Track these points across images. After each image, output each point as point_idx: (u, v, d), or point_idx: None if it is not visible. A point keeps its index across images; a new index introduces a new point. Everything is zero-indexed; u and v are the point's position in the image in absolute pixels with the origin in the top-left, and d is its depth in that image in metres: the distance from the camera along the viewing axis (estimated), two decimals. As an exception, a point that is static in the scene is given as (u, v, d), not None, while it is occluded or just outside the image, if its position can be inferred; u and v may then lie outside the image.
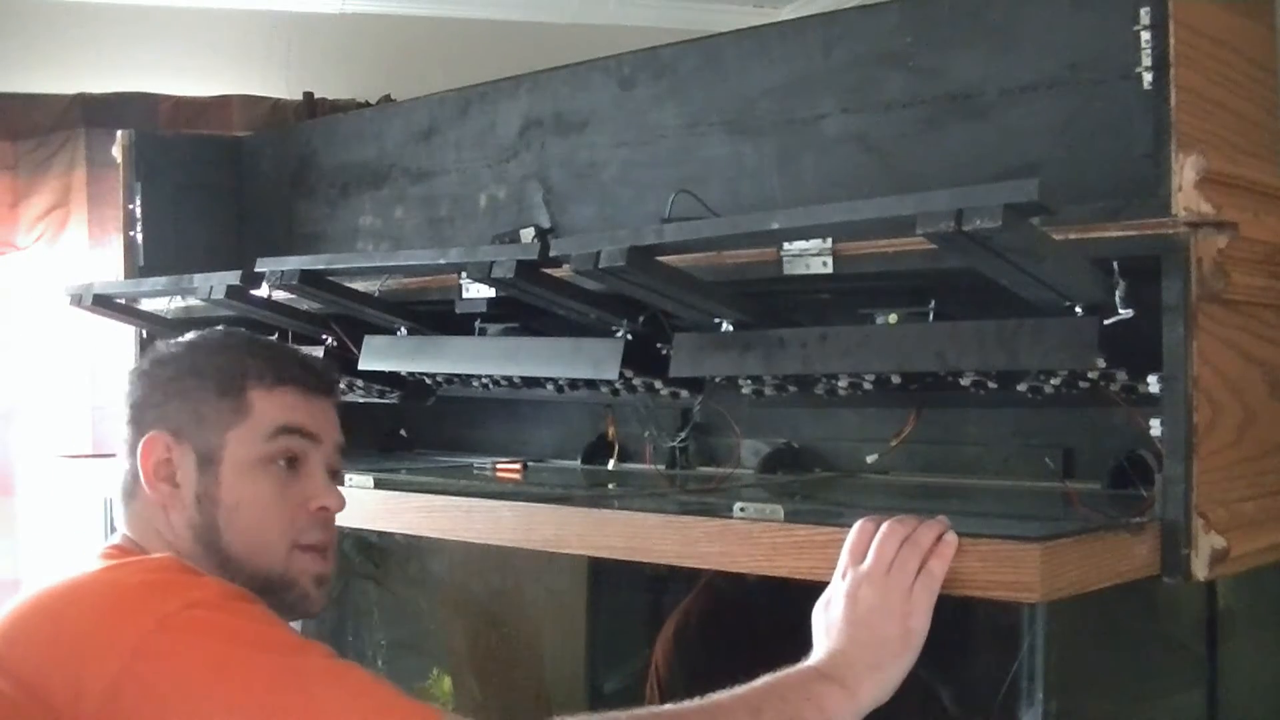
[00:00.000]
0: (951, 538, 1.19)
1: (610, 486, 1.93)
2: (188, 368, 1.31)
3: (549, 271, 1.61)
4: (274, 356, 1.36)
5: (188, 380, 1.30)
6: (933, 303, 1.51)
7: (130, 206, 2.46)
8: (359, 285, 1.98)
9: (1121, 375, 1.37)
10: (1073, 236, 1.28)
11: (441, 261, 1.74)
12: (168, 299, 2.27)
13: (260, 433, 1.29)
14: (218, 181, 2.55)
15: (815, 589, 1.26)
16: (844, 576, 1.22)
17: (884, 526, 1.21)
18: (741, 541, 1.34)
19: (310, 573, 1.30)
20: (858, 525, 1.24)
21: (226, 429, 1.28)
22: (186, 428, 1.28)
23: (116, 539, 1.30)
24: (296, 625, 1.34)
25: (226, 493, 1.27)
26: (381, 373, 2.09)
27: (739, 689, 1.17)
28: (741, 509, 1.36)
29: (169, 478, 1.28)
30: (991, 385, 1.47)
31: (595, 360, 1.73)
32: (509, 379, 1.90)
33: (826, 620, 1.22)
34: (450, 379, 2.05)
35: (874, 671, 1.18)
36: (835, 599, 1.22)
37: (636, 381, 1.76)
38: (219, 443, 1.28)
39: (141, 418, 1.30)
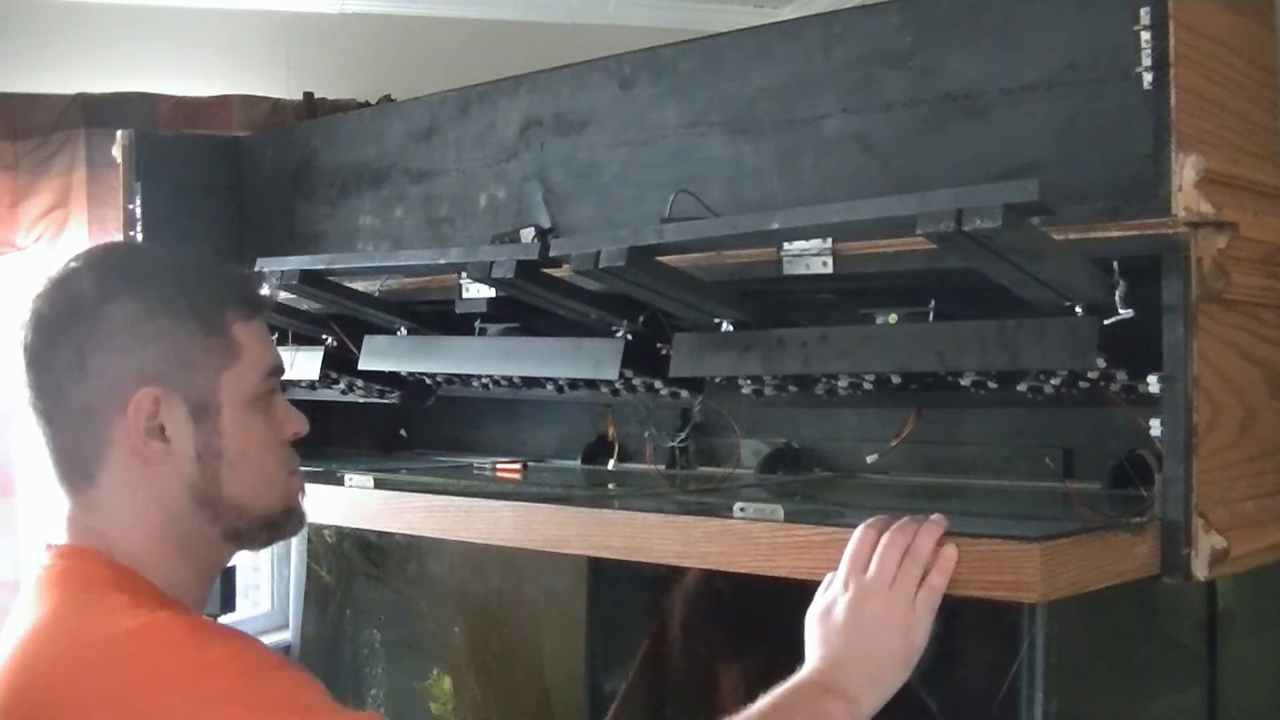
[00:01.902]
0: (951, 551, 1.19)
1: (610, 486, 1.93)
2: (159, 304, 1.13)
3: (549, 271, 1.61)
4: (239, 280, 1.23)
5: (162, 319, 1.13)
6: (933, 303, 1.51)
7: (130, 206, 2.45)
8: (359, 285, 1.98)
9: (1121, 375, 1.37)
10: (1073, 236, 1.28)
11: (441, 261, 1.74)
12: (168, 299, 2.26)
13: (256, 373, 1.17)
14: (218, 181, 2.55)
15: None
16: (846, 587, 1.21)
17: (885, 537, 1.21)
18: (741, 541, 1.34)
19: (299, 492, 1.25)
20: (859, 532, 1.23)
21: (219, 371, 1.15)
22: (171, 375, 1.13)
23: (67, 538, 1.18)
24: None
25: (229, 442, 1.15)
26: (381, 373, 2.09)
27: (743, 712, 1.17)
28: (741, 509, 1.37)
29: (157, 433, 1.13)
30: (991, 385, 1.47)
31: (595, 360, 1.73)
32: (509, 379, 1.89)
33: (825, 629, 1.21)
34: (450, 379, 2.05)
35: (875, 685, 1.18)
36: (838, 609, 1.21)
37: (636, 381, 1.76)
38: (212, 388, 1.14)
39: (102, 372, 1.12)
